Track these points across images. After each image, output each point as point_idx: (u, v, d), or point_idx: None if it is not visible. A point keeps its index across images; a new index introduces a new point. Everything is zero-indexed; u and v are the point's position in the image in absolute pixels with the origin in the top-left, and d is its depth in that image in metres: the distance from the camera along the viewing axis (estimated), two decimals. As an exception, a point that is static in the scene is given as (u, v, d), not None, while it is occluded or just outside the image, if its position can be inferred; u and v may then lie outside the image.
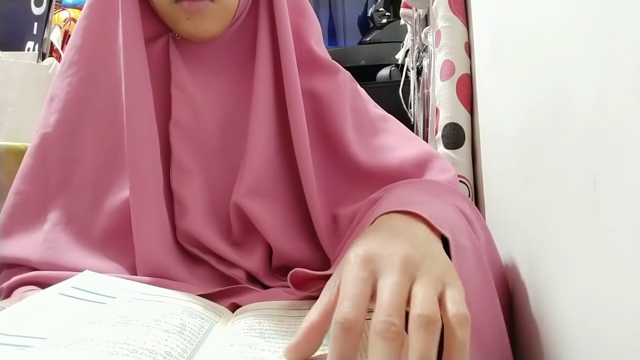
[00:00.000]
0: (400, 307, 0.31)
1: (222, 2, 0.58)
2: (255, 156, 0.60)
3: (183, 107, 0.61)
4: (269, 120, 0.61)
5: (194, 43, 0.62)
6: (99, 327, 0.39)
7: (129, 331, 0.39)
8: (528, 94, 0.55)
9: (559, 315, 0.48)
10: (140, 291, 0.49)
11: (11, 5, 1.22)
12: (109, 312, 0.42)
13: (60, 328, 0.38)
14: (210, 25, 0.60)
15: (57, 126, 0.61)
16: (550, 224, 0.49)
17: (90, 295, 0.46)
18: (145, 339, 0.38)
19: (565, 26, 0.45)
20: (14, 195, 0.60)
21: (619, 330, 0.37)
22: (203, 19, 0.58)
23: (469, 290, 0.36)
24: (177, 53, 0.62)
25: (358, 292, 0.32)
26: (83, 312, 0.42)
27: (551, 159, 0.49)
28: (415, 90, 1.01)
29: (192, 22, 0.58)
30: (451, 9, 0.79)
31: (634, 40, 0.33)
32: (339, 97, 0.65)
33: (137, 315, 0.42)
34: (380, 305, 0.31)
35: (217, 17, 0.59)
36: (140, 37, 0.59)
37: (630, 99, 0.34)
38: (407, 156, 0.62)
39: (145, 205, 0.57)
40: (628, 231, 0.35)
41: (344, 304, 0.31)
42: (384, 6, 1.37)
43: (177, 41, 0.62)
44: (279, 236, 0.60)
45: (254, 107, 0.61)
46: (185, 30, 0.60)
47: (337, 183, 0.63)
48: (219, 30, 0.61)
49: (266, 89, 0.61)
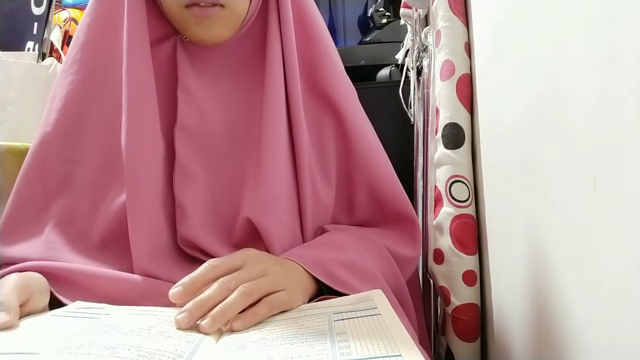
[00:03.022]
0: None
1: (232, 8, 0.59)
2: (271, 167, 0.59)
3: (189, 110, 0.60)
4: (282, 128, 0.61)
5: (201, 46, 0.62)
6: (98, 335, 0.40)
7: (127, 338, 0.39)
8: (528, 94, 0.55)
9: (560, 315, 0.48)
10: (133, 308, 0.49)
11: (11, 5, 1.22)
12: (105, 323, 0.43)
13: (60, 338, 0.39)
14: (220, 31, 0.60)
15: (57, 125, 0.61)
16: (551, 223, 0.49)
17: (84, 311, 0.47)
18: (147, 341, 0.39)
19: (565, 26, 0.45)
20: (15, 195, 0.60)
21: (620, 329, 0.37)
22: (212, 24, 0.59)
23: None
24: (185, 56, 0.62)
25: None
26: (79, 324, 0.43)
27: (551, 159, 0.49)
28: (415, 90, 1.01)
29: (202, 28, 0.59)
30: (451, 9, 0.79)
31: (634, 40, 0.33)
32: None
33: (132, 324, 0.43)
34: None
35: (227, 23, 0.60)
36: (146, 38, 0.59)
37: (630, 99, 0.34)
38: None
39: (141, 209, 0.56)
40: (628, 231, 0.35)
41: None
42: (384, 6, 1.36)
43: (184, 44, 0.62)
44: (286, 248, 0.59)
45: (267, 114, 0.60)
46: (195, 35, 0.60)
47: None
48: (227, 36, 0.61)
49: (278, 94, 0.61)
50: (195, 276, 0.47)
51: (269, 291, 0.48)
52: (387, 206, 0.67)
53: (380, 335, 0.39)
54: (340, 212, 0.67)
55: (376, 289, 0.50)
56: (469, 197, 0.75)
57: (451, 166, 0.76)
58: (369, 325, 0.42)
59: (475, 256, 0.74)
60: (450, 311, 0.74)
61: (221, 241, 0.59)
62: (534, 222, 0.54)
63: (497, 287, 0.69)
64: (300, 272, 0.53)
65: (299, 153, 0.62)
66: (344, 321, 0.43)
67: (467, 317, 0.73)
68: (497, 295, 0.69)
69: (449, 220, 0.74)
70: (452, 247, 0.73)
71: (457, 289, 0.73)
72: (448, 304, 0.74)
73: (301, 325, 0.43)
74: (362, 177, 0.66)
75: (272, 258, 0.53)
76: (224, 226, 0.60)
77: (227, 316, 0.45)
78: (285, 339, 0.40)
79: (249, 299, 0.46)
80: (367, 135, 0.68)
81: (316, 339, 0.40)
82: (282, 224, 0.59)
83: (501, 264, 0.68)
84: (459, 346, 0.75)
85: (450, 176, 0.76)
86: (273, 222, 0.58)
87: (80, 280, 0.54)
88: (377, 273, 0.58)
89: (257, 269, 0.49)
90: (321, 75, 0.66)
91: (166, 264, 0.57)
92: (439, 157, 0.77)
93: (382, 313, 0.44)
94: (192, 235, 0.58)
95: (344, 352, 0.37)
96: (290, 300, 0.48)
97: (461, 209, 0.74)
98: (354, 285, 0.53)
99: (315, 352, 0.37)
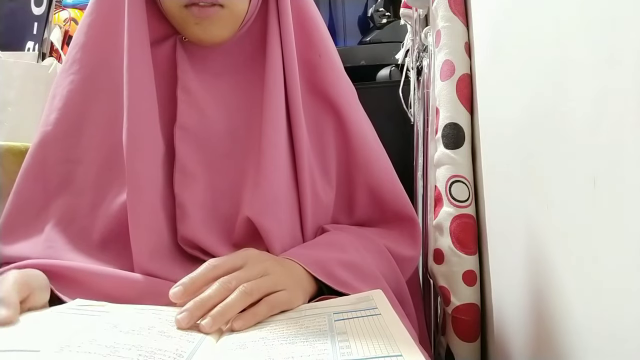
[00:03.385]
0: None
1: (231, 8, 0.59)
2: (271, 168, 0.59)
3: (189, 110, 0.60)
4: (282, 128, 0.61)
5: (201, 46, 0.62)
6: (98, 333, 0.40)
7: (127, 337, 0.39)
8: (528, 93, 0.55)
9: (560, 315, 0.48)
10: (133, 307, 0.49)
11: (11, 5, 1.22)
12: (105, 321, 0.43)
13: (60, 335, 0.39)
14: (219, 31, 0.60)
15: (57, 125, 0.61)
16: (551, 224, 0.49)
17: (84, 309, 0.47)
18: (147, 341, 0.39)
19: (565, 26, 0.45)
20: (15, 194, 0.60)
21: (620, 329, 0.37)
22: (212, 24, 0.59)
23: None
24: (184, 56, 0.62)
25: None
26: (80, 321, 0.43)
27: (551, 158, 0.49)
28: (415, 90, 1.01)
29: (201, 28, 0.59)
30: (451, 9, 0.79)
31: (634, 40, 0.33)
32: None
33: (133, 323, 0.43)
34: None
35: (226, 23, 0.60)
36: (146, 37, 0.59)
37: (630, 99, 0.34)
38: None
39: (142, 208, 0.56)
40: (628, 231, 0.35)
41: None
42: (384, 6, 1.36)
43: (184, 44, 0.62)
44: (286, 248, 0.59)
45: (266, 114, 0.60)
46: (194, 35, 0.60)
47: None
48: (227, 36, 0.61)
49: (278, 95, 0.61)
50: (195, 276, 0.47)
51: (270, 291, 0.48)
52: (387, 206, 0.67)
53: (380, 335, 0.39)
54: (340, 212, 0.67)
55: (376, 289, 0.50)
56: (469, 197, 0.75)
57: (451, 166, 0.76)
58: (369, 325, 0.42)
59: (475, 256, 0.74)
60: (450, 311, 0.74)
61: (221, 241, 0.59)
62: (534, 222, 0.54)
63: (497, 287, 0.69)
64: (300, 272, 0.53)
65: (298, 153, 0.62)
66: (345, 321, 0.43)
67: (467, 317, 0.73)
68: (497, 295, 0.69)
69: (449, 220, 0.74)
70: (452, 247, 0.73)
71: (457, 289, 0.73)
72: (448, 304, 0.74)
73: (302, 325, 0.43)
74: (362, 178, 0.66)
75: (272, 258, 0.54)
76: (224, 226, 0.60)
77: (228, 316, 0.45)
78: (286, 338, 0.40)
79: (250, 299, 0.46)
80: (368, 135, 0.68)
81: (317, 338, 0.40)
82: (282, 223, 0.59)
83: (501, 264, 0.68)
84: (459, 346, 0.75)
85: (450, 176, 0.76)
86: (273, 222, 0.58)
87: (81, 278, 0.54)
88: (378, 273, 0.58)
89: (258, 269, 0.49)
90: (321, 76, 0.66)
91: (167, 263, 0.57)
92: (439, 157, 0.77)
93: (382, 313, 0.44)
94: (193, 235, 0.58)
95: (344, 351, 0.37)
96: (291, 300, 0.49)
97: (461, 209, 0.74)
98: (354, 285, 0.53)
99: (315, 352, 0.37)
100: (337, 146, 0.66)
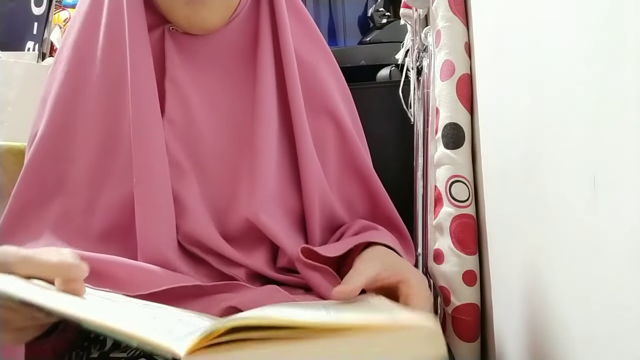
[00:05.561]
0: None
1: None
2: (265, 166, 0.59)
3: (176, 102, 0.60)
4: (273, 124, 0.61)
5: (190, 36, 0.61)
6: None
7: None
8: (528, 93, 0.55)
9: (559, 315, 0.48)
10: (135, 300, 0.49)
11: (11, 5, 1.22)
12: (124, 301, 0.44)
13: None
14: (210, 15, 0.58)
15: (48, 125, 0.60)
16: (551, 223, 0.49)
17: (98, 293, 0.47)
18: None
19: (565, 26, 0.45)
20: (13, 197, 0.60)
21: (619, 329, 0.37)
22: (203, 6, 0.57)
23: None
24: (173, 46, 0.60)
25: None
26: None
27: (551, 158, 0.49)
28: (415, 90, 1.01)
29: (192, 9, 0.57)
30: (451, 9, 0.79)
31: (634, 40, 0.33)
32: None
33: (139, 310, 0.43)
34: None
35: (219, 8, 0.58)
36: (144, 27, 0.58)
37: (630, 99, 0.34)
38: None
39: (152, 200, 0.56)
40: (628, 231, 0.35)
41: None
42: (384, 6, 1.36)
43: (173, 34, 0.61)
44: (290, 244, 0.59)
45: (258, 110, 0.60)
46: (184, 17, 0.58)
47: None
48: (217, 22, 0.59)
49: (269, 90, 0.61)
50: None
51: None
52: (381, 215, 0.68)
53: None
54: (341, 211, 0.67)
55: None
56: (469, 197, 0.75)
57: (451, 166, 0.76)
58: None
59: (475, 256, 0.74)
60: (450, 311, 0.74)
61: (221, 234, 0.59)
62: (534, 222, 0.54)
63: (497, 287, 0.69)
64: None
65: (297, 135, 0.62)
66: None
67: (467, 317, 0.73)
68: (497, 295, 0.69)
69: (449, 220, 0.74)
70: (452, 247, 0.73)
71: (457, 289, 0.73)
72: (448, 304, 0.74)
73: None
74: (360, 184, 0.67)
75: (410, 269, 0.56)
76: (219, 222, 0.60)
77: None
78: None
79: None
80: (361, 143, 0.69)
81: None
82: (283, 217, 0.60)
83: (501, 264, 0.68)
84: (459, 346, 0.75)
85: (450, 176, 0.76)
86: (271, 219, 0.58)
87: (96, 266, 0.53)
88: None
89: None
90: (320, 77, 0.66)
91: (172, 256, 0.56)
92: (439, 157, 0.77)
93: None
94: (193, 229, 0.58)
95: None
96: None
97: (461, 209, 0.74)
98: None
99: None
100: (336, 147, 0.66)
